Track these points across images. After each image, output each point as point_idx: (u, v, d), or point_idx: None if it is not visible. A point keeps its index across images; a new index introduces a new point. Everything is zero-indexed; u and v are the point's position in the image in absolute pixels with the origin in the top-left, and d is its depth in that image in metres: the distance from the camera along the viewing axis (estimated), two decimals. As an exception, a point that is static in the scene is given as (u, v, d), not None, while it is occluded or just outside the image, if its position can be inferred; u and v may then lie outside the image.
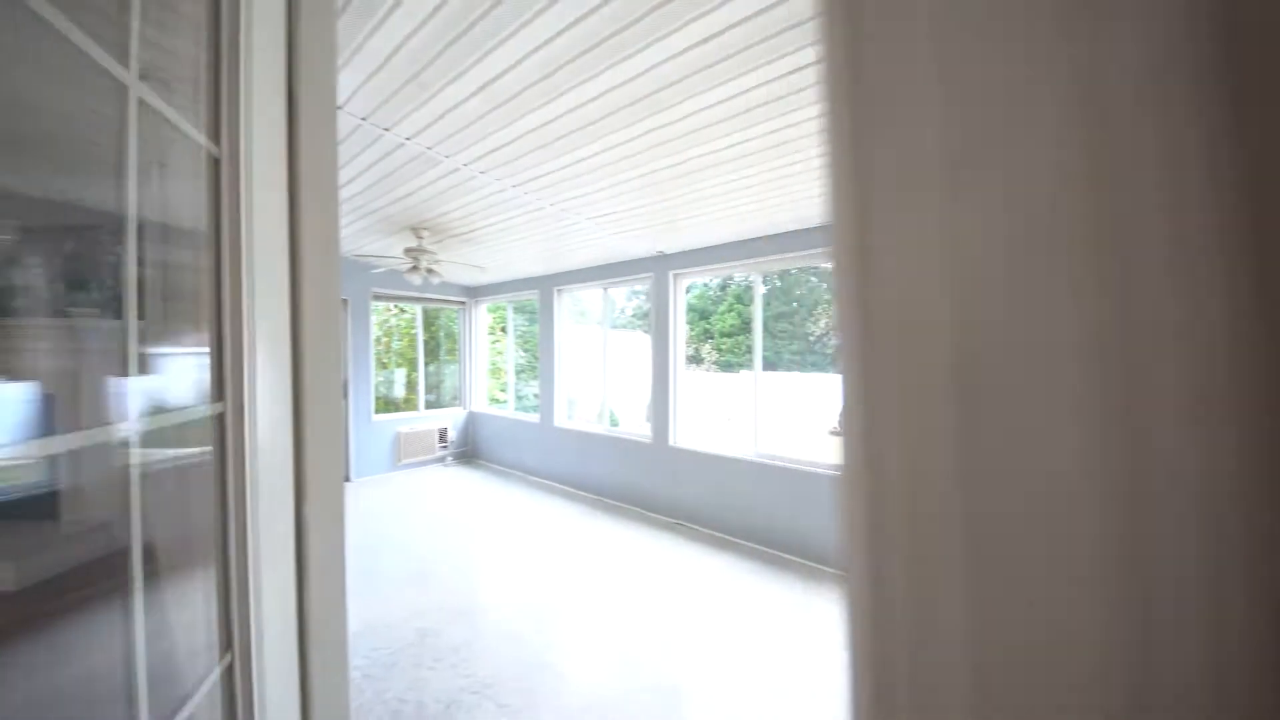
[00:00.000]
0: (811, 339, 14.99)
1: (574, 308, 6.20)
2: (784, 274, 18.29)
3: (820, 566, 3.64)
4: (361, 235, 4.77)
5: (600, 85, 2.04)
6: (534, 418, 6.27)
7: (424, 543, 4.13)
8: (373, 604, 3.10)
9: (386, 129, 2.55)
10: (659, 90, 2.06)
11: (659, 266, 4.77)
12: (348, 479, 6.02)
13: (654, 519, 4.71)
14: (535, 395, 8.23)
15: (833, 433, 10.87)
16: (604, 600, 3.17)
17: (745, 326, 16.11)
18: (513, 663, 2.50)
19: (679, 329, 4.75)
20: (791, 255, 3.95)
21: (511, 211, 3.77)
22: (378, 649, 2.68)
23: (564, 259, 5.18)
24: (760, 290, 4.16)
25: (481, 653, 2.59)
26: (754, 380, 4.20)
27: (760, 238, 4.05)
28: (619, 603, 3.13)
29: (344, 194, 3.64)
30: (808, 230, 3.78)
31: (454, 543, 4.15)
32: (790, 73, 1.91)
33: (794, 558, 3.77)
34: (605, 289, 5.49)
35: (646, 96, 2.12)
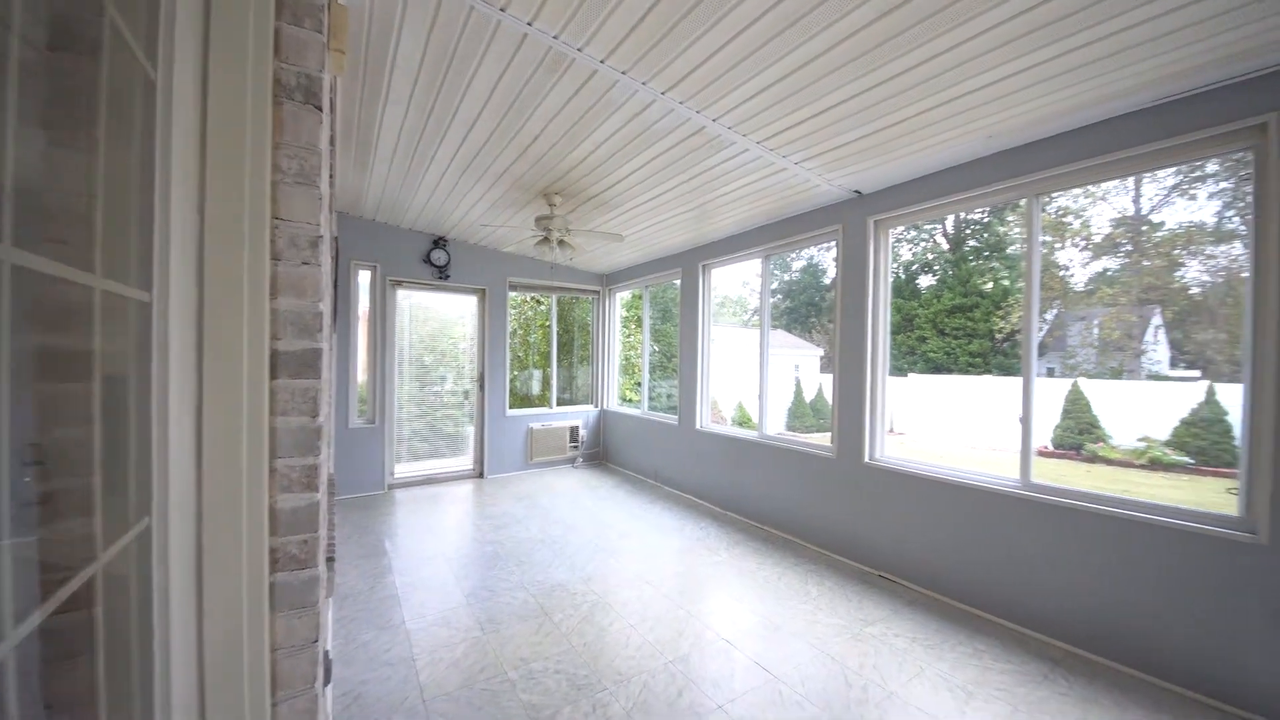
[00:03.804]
0: (999, 338, 12.16)
1: (714, 298, 5.17)
2: (960, 260, 15.23)
3: (1201, 698, 2.08)
4: (494, 209, 4.29)
5: None
6: (671, 419, 5.36)
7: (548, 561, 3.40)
8: (471, 638, 2.38)
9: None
10: None
11: (853, 213, 3.52)
12: (480, 475, 5.70)
13: (841, 563, 3.43)
14: (669, 395, 7.38)
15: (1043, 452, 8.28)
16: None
17: (906, 323, 13.63)
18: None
19: (881, 298, 3.43)
20: (1080, 165, 2.46)
21: (657, 143, 2.87)
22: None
23: (716, 220, 4.18)
24: (1039, 223, 2.67)
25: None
26: (1028, 377, 2.73)
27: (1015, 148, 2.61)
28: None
29: (468, 145, 3.08)
30: (1114, 120, 2.28)
31: (583, 574, 3.35)
32: None
33: (1118, 665, 2.24)
34: (767, 256, 4.37)
35: None
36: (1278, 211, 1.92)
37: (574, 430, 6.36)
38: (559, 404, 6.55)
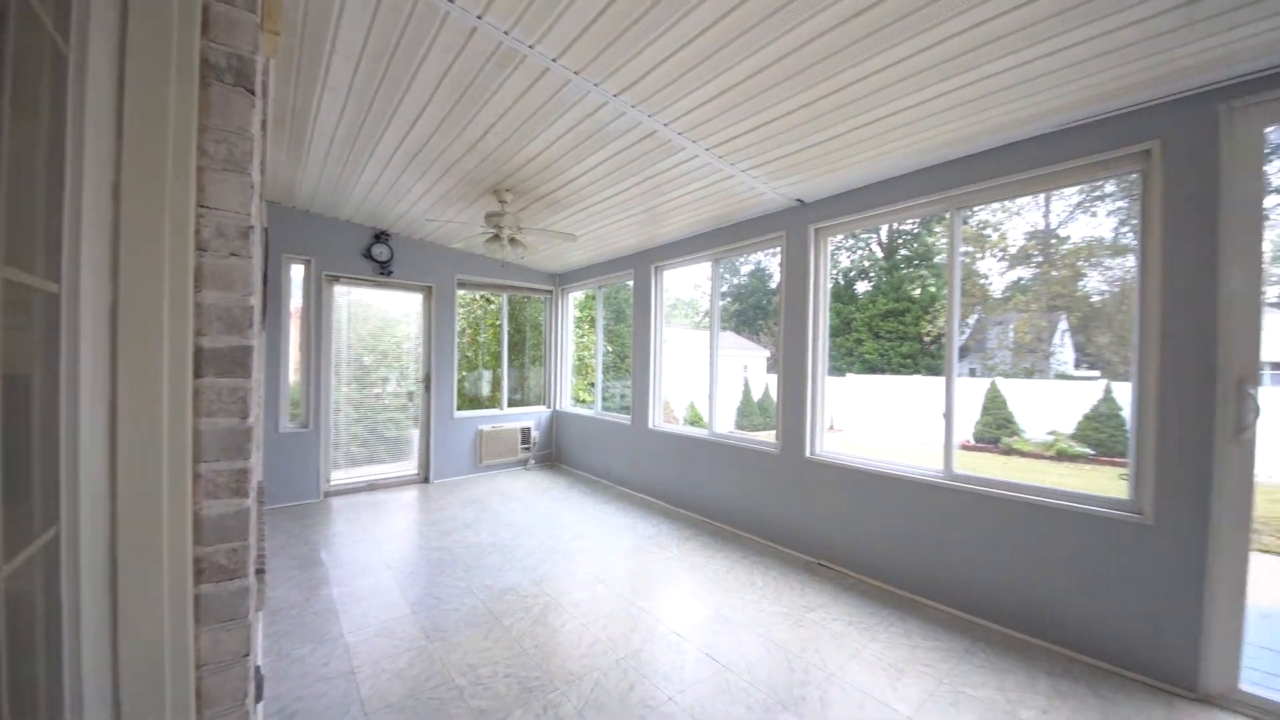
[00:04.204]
0: (926, 340, 13.12)
1: (666, 299, 5.25)
2: (893, 267, 16.23)
3: (1106, 667, 2.32)
4: (440, 204, 4.16)
5: None
6: (624, 419, 5.39)
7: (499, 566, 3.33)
8: (415, 637, 2.31)
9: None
10: None
11: (796, 221, 3.67)
12: (426, 480, 5.50)
13: (785, 554, 3.57)
14: (622, 396, 7.42)
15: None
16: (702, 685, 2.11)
17: (844, 326, 14.38)
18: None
19: (821, 302, 3.61)
20: (997, 182, 2.70)
21: (609, 144, 2.89)
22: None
23: (667, 223, 4.25)
24: (960, 234, 2.90)
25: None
26: (950, 376, 2.96)
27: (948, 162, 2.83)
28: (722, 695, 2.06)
29: (413, 138, 2.98)
30: (1026, 142, 2.53)
31: (535, 573, 3.31)
32: None
33: (1029, 638, 2.47)
34: (716, 260, 4.48)
35: None
36: (1159, 228, 2.19)
37: (526, 431, 6.26)
38: (510, 405, 6.42)
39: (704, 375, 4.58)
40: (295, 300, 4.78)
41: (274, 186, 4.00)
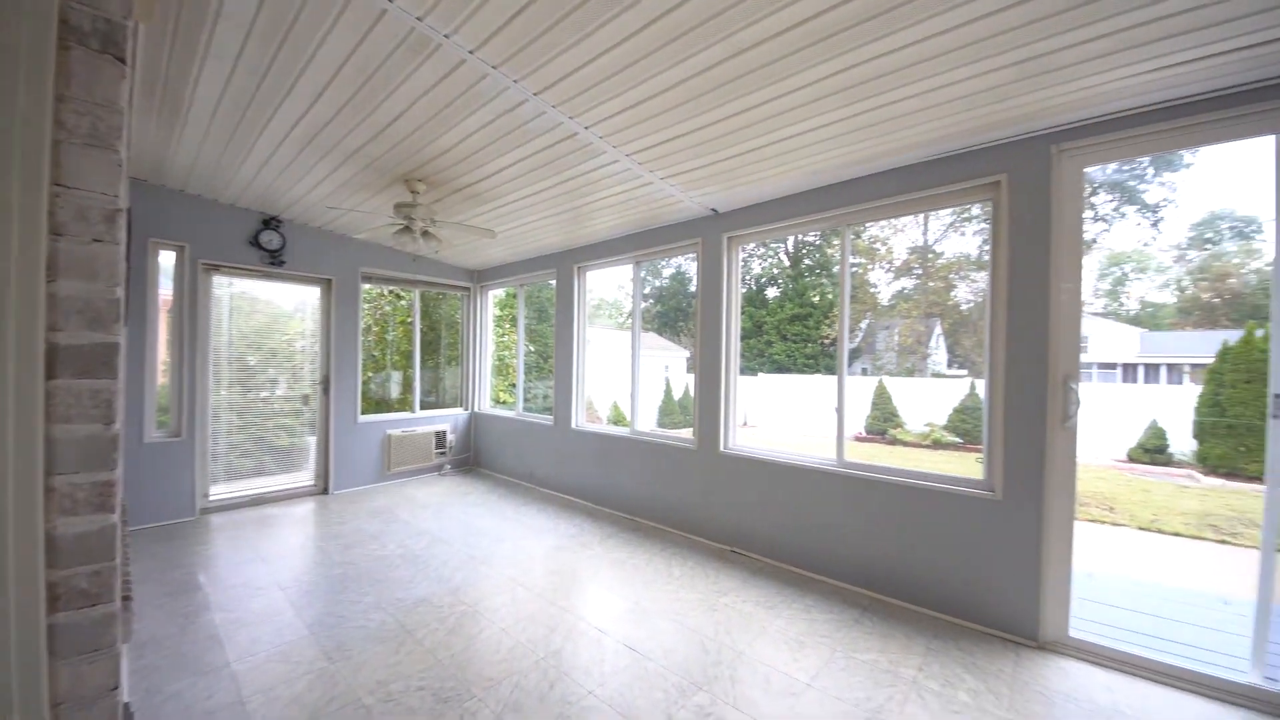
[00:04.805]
0: (826, 342, 14.42)
1: (589, 300, 5.29)
2: (798, 275, 17.48)
3: (969, 625, 2.67)
4: (343, 190, 3.86)
5: None
6: (547, 419, 5.33)
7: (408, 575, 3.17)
8: (309, 665, 2.15)
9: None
10: None
11: (711, 229, 3.86)
12: (325, 491, 5.07)
13: (701, 544, 3.74)
14: (545, 396, 7.30)
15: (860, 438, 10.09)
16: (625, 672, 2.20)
17: (757, 329, 15.31)
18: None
19: (734, 306, 3.82)
20: (882, 202, 3.04)
21: (530, 142, 2.87)
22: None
23: (590, 224, 4.27)
24: (850, 248, 3.21)
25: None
26: (842, 375, 3.26)
27: (833, 184, 3.14)
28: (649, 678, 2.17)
29: (312, 117, 2.76)
30: (907, 168, 2.88)
31: (445, 582, 3.19)
32: None
33: (908, 605, 2.80)
34: (638, 262, 4.57)
35: None
36: (1006, 248, 2.58)
37: (441, 435, 5.97)
38: (423, 408, 6.09)
39: (627, 375, 4.66)
40: (164, 291, 4.20)
41: (140, 161, 3.49)
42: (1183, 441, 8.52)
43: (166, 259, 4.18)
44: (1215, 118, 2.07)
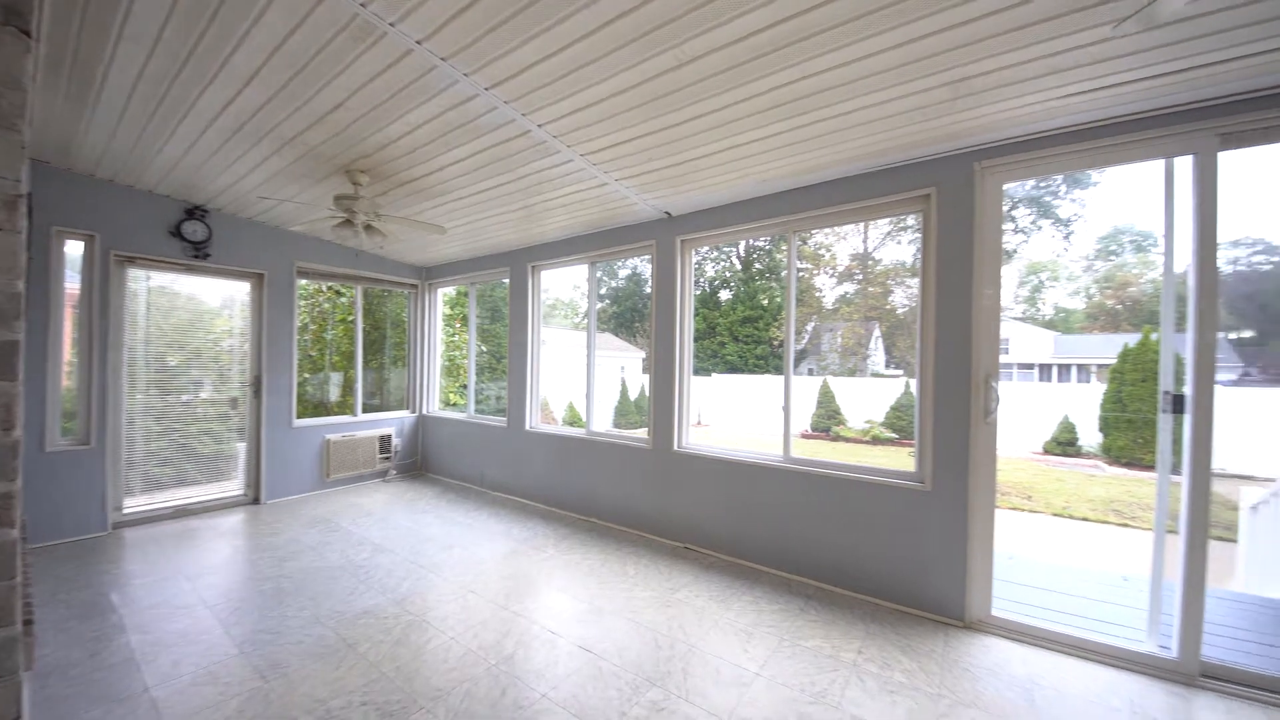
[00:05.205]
0: (775, 344, 14.97)
1: (545, 300, 5.24)
2: (749, 279, 17.99)
3: (904, 609, 2.83)
4: (277, 180, 3.65)
5: None
6: (500, 421, 5.23)
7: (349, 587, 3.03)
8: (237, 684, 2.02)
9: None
10: None
11: (664, 232, 3.91)
12: (256, 501, 4.75)
13: (656, 542, 3.78)
14: (498, 398, 7.15)
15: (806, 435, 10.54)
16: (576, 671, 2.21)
17: (710, 330, 15.64)
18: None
19: (687, 308, 3.89)
20: (826, 211, 3.19)
21: (481, 137, 2.81)
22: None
23: (544, 223, 4.23)
24: (796, 253, 3.35)
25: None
26: (788, 375, 3.39)
27: (784, 191, 3.27)
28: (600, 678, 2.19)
29: (243, 102, 2.60)
30: (848, 179, 3.04)
31: (390, 595, 3.08)
32: None
33: (850, 592, 2.95)
34: (593, 263, 4.57)
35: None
36: (934, 257, 2.76)
37: (385, 440, 5.73)
38: (366, 411, 5.83)
39: (583, 376, 4.64)
40: (70, 284, 3.81)
41: (44, 141, 3.16)
42: (1091, 435, 9.41)
43: (74, 249, 3.80)
44: (1117, 141, 2.30)
